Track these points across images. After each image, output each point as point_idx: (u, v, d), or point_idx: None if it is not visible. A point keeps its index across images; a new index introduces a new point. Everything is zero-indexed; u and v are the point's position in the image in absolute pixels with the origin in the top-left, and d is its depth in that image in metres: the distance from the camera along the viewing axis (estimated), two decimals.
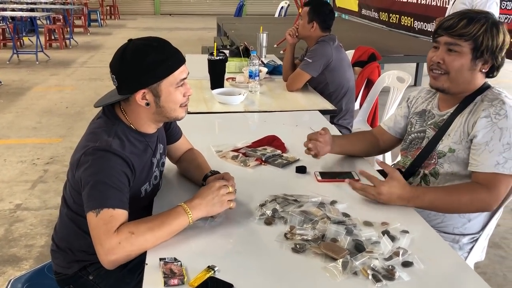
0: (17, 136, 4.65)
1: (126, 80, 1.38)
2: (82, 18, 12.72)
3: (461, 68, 1.58)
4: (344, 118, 3.07)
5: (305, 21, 3.04)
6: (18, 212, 3.17)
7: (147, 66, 1.36)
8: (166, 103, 1.41)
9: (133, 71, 1.36)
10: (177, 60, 1.41)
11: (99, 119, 1.45)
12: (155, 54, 1.37)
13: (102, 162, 1.31)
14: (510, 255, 2.76)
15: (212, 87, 2.93)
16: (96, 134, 1.37)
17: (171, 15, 17.06)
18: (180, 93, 1.43)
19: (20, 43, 9.56)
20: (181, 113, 1.48)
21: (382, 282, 1.15)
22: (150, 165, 1.52)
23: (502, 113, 1.52)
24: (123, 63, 1.37)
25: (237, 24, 8.05)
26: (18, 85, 6.64)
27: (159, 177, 1.61)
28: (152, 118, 1.45)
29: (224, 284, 1.14)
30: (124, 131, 1.42)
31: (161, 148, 1.61)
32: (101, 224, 1.25)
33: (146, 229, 1.27)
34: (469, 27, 1.55)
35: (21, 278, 1.66)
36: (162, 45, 1.41)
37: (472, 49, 1.55)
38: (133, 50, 1.37)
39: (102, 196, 1.28)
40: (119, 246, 1.23)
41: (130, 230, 1.25)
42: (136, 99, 1.39)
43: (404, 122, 1.90)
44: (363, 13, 9.70)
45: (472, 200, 1.52)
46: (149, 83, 1.37)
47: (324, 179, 1.73)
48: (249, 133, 2.24)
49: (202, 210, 1.35)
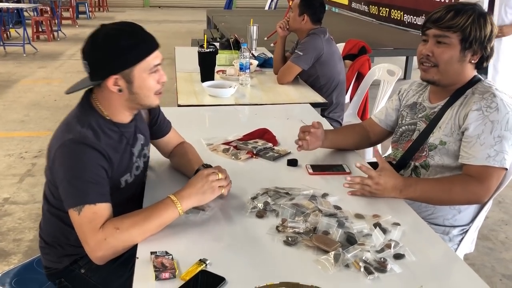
0: (4, 129, 4.59)
1: (98, 66, 1.35)
2: (70, 10, 12.54)
3: (450, 59, 1.58)
4: (334, 111, 3.07)
5: (295, 13, 3.03)
6: (6, 206, 3.13)
7: (119, 51, 1.32)
8: (140, 89, 1.37)
9: (104, 56, 1.33)
10: (150, 45, 1.37)
11: (75, 108, 1.44)
12: (127, 39, 1.33)
13: (77, 156, 1.29)
14: (498, 247, 2.79)
15: (202, 80, 2.91)
16: (70, 124, 1.36)
17: (160, 7, 16.91)
18: (154, 79, 1.39)
19: (6, 35, 9.42)
20: (155, 101, 1.44)
21: (374, 274, 1.15)
22: (130, 156, 1.49)
23: (493, 106, 1.52)
24: (94, 49, 1.34)
25: (227, 17, 8.00)
26: (5, 77, 6.55)
27: (143, 168, 1.59)
28: (125, 105, 1.41)
29: (215, 277, 1.14)
30: (98, 121, 1.39)
31: (142, 139, 1.57)
32: (85, 222, 1.24)
33: (132, 223, 1.26)
34: (457, 18, 1.55)
35: (10, 272, 1.65)
36: (135, 29, 1.37)
37: (461, 40, 1.56)
38: (105, 35, 1.33)
39: (80, 193, 1.26)
40: (105, 242, 1.23)
41: (115, 225, 1.24)
42: (108, 86, 1.35)
43: (395, 115, 1.90)
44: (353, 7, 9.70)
45: (464, 192, 1.53)
46: (121, 69, 1.33)
47: (315, 172, 1.73)
48: (240, 126, 2.23)
49: (193, 199, 1.34)
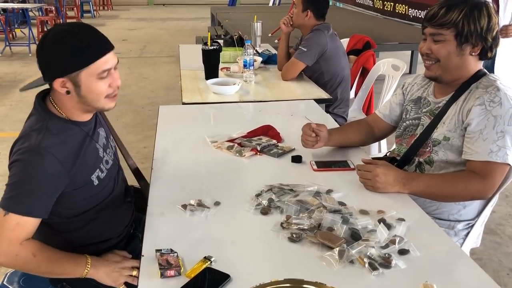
0: (11, 129, 4.62)
1: (45, 67, 1.32)
2: (75, 9, 12.58)
3: (449, 55, 1.58)
4: (339, 107, 3.07)
5: (299, 9, 3.02)
6: None
7: (65, 54, 1.28)
8: (87, 93, 1.33)
9: (51, 58, 1.30)
10: (99, 49, 1.31)
11: (31, 117, 1.39)
12: (74, 41, 1.28)
13: (28, 164, 1.27)
14: (505, 241, 2.78)
15: (206, 77, 2.91)
16: (26, 136, 1.32)
17: (164, 5, 16.92)
18: (104, 84, 1.34)
19: (12, 35, 9.46)
20: (107, 104, 1.39)
21: (378, 270, 1.15)
22: (95, 152, 1.46)
23: (496, 100, 1.51)
24: (42, 50, 1.31)
25: (231, 14, 8.00)
26: (11, 77, 6.59)
27: (113, 160, 1.56)
28: (78, 107, 1.37)
29: (221, 274, 1.14)
30: (56, 124, 1.35)
31: (104, 132, 1.55)
32: (5, 227, 1.25)
33: (47, 259, 1.30)
34: (449, 14, 1.54)
35: (17, 271, 1.65)
36: (84, 31, 1.32)
37: (455, 35, 1.55)
38: (53, 36, 1.30)
39: (15, 199, 1.26)
40: (13, 257, 1.26)
41: (34, 251, 1.28)
42: (55, 87, 1.32)
43: (399, 109, 1.90)
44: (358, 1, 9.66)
45: (467, 188, 1.52)
46: (67, 72, 1.29)
47: (319, 168, 1.73)
48: (244, 123, 2.23)
49: (98, 274, 1.37)
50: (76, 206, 1.42)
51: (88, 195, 1.43)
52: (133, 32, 10.55)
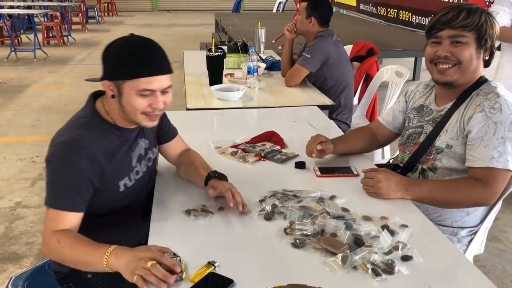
0: (16, 134, 4.65)
1: (103, 65, 1.40)
2: (80, 15, 12.67)
3: (471, 57, 1.58)
4: (343, 113, 3.07)
5: (303, 16, 3.04)
6: (18, 210, 3.17)
7: (117, 61, 1.36)
8: (126, 103, 1.38)
9: (107, 61, 1.39)
10: (148, 69, 1.36)
11: (78, 113, 1.48)
12: (132, 54, 1.35)
13: (65, 159, 1.34)
14: (509, 248, 2.77)
15: (210, 83, 2.93)
16: (69, 128, 1.41)
17: (168, 11, 17.01)
18: (143, 101, 1.37)
19: (18, 41, 9.53)
20: (144, 121, 1.42)
21: (381, 276, 1.16)
22: (129, 161, 1.50)
23: (496, 107, 1.52)
24: (107, 50, 1.39)
25: (235, 20, 8.03)
26: (17, 83, 6.63)
27: (145, 172, 1.58)
28: (119, 114, 1.43)
29: (224, 279, 1.15)
30: (99, 124, 1.43)
31: (146, 143, 1.58)
32: (48, 219, 1.32)
33: (70, 246, 1.29)
34: (470, 17, 1.56)
35: (22, 275, 1.67)
36: (144, 48, 1.38)
37: (476, 38, 1.57)
38: (119, 43, 1.38)
39: (53, 196, 1.33)
40: (47, 245, 1.30)
41: (58, 238, 1.29)
42: (103, 87, 1.41)
43: (402, 117, 1.90)
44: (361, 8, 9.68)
45: (469, 195, 1.53)
46: (114, 78, 1.37)
47: (323, 174, 1.73)
48: (248, 129, 2.24)
49: (118, 263, 1.20)
50: (95, 207, 1.42)
51: (110, 199, 1.46)
52: None
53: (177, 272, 1.14)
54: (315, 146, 1.79)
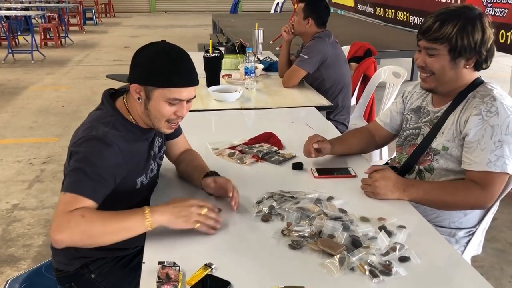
0: (13, 136, 4.64)
1: (133, 68, 1.42)
2: (77, 16, 12.67)
3: (443, 68, 1.57)
4: (340, 114, 3.07)
5: (300, 17, 3.04)
6: (15, 212, 3.16)
7: (152, 68, 1.38)
8: (153, 109, 1.41)
9: (140, 65, 1.40)
10: (181, 80, 1.40)
11: (98, 111, 1.47)
12: (166, 63, 1.38)
13: (90, 151, 1.33)
14: (507, 249, 2.78)
15: (208, 85, 2.93)
16: (94, 126, 1.39)
17: (166, 12, 17.01)
18: (170, 109, 1.41)
19: (15, 43, 9.52)
20: (164, 128, 1.47)
21: (379, 277, 1.15)
22: (147, 157, 1.53)
23: (493, 110, 1.51)
24: (140, 53, 1.41)
25: (232, 21, 8.03)
26: (14, 84, 6.62)
27: (156, 170, 1.62)
28: (142, 116, 1.46)
29: (221, 281, 1.14)
30: (121, 122, 1.44)
31: (159, 141, 1.62)
32: (62, 203, 1.26)
33: (98, 217, 1.25)
34: (442, 29, 1.53)
35: (19, 278, 1.66)
36: (179, 59, 1.41)
37: (449, 50, 1.54)
38: (154, 49, 1.40)
39: (76, 183, 1.29)
40: (67, 226, 1.21)
41: (82, 213, 1.24)
42: (131, 89, 1.42)
43: (400, 118, 1.90)
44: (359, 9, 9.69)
45: (467, 197, 1.53)
46: (145, 83, 1.39)
47: (320, 175, 1.73)
48: (246, 130, 2.23)
49: (165, 216, 1.28)
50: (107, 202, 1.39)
51: (124, 196, 1.45)
52: (135, 39, 10.60)
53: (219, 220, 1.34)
54: (312, 145, 1.79)
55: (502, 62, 8.15)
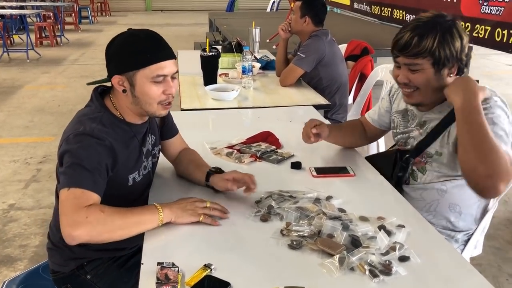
0: (9, 135, 4.61)
1: (109, 64, 1.42)
2: (73, 15, 12.60)
3: (428, 82, 1.54)
4: (338, 113, 3.07)
5: (297, 16, 3.03)
6: (11, 212, 3.14)
7: (125, 54, 1.38)
8: (140, 94, 1.40)
9: (114, 56, 1.40)
10: (158, 55, 1.38)
11: (86, 108, 1.47)
12: (137, 44, 1.38)
13: (82, 145, 1.32)
14: (504, 247, 2.78)
15: (205, 83, 2.92)
16: (81, 122, 1.39)
17: (162, 11, 16.96)
18: (158, 89, 1.40)
19: (10, 41, 9.46)
20: (159, 110, 1.45)
21: (379, 277, 1.15)
22: (139, 154, 1.52)
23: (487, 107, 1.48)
24: (110, 48, 1.41)
25: (229, 20, 8.01)
26: (9, 83, 6.58)
27: (150, 168, 1.60)
28: (132, 108, 1.44)
29: (221, 282, 1.14)
30: (109, 119, 1.43)
31: (153, 139, 1.60)
32: (71, 198, 1.25)
33: (117, 212, 1.27)
34: (422, 43, 1.49)
35: (16, 279, 1.65)
36: (149, 37, 1.40)
37: (432, 63, 1.51)
38: (122, 37, 1.40)
39: (76, 177, 1.28)
40: (85, 221, 1.21)
41: (101, 208, 1.25)
42: (114, 84, 1.41)
43: (387, 116, 1.90)
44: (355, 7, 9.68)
45: (503, 154, 1.37)
46: (124, 70, 1.38)
47: (319, 174, 1.73)
48: (243, 129, 2.23)
49: (173, 211, 1.36)
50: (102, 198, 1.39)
51: (116, 193, 1.43)
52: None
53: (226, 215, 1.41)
54: (310, 130, 1.78)
55: (499, 60, 8.19)
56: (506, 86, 6.62)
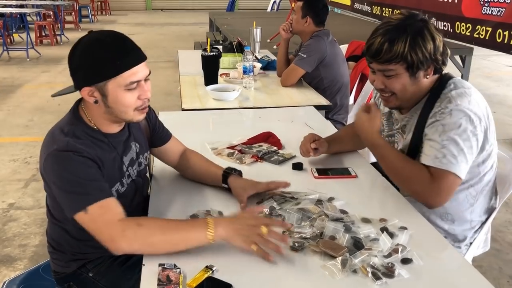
0: (8, 134, 4.61)
1: (75, 75, 1.31)
2: (73, 14, 12.60)
3: (404, 86, 1.53)
4: (338, 113, 3.06)
5: (298, 16, 3.02)
6: (11, 212, 3.14)
7: (93, 64, 1.27)
8: (115, 104, 1.31)
9: (80, 66, 1.29)
10: (128, 61, 1.28)
11: (63, 118, 1.40)
12: (104, 51, 1.27)
13: (65, 163, 1.26)
14: (505, 248, 2.78)
15: (206, 83, 2.91)
16: (54, 134, 1.32)
17: (162, 10, 16.95)
18: (132, 95, 1.31)
19: (10, 40, 9.46)
20: (136, 116, 1.36)
21: (382, 279, 1.14)
22: (120, 165, 1.44)
23: (446, 112, 1.48)
24: (73, 57, 1.30)
25: (229, 19, 8.00)
26: (9, 82, 6.57)
27: (137, 177, 1.53)
28: (106, 117, 1.36)
29: (222, 284, 1.13)
30: (83, 130, 1.35)
31: (137, 147, 1.52)
32: (96, 218, 1.22)
33: (157, 225, 1.24)
34: (394, 49, 1.47)
35: (16, 279, 1.64)
36: (116, 42, 1.30)
37: (406, 68, 1.50)
38: (85, 44, 1.29)
39: (80, 196, 1.24)
40: (122, 235, 1.19)
41: (138, 222, 1.22)
42: (83, 96, 1.32)
43: None
44: (356, 7, 9.68)
45: (415, 174, 1.48)
46: (94, 82, 1.28)
47: (320, 175, 1.72)
48: (244, 130, 2.22)
49: (226, 232, 1.23)
50: None
51: None
52: (131, 37, 10.46)
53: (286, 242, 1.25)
54: (309, 145, 1.78)
55: (499, 62, 8.18)
56: (506, 87, 6.61)
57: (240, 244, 1.23)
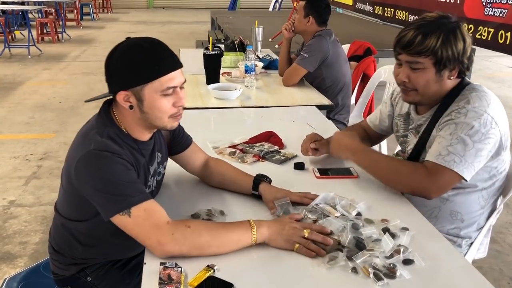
0: (9, 132, 4.61)
1: (111, 79, 1.31)
2: (75, 11, 12.59)
3: (428, 83, 1.53)
4: (340, 113, 3.06)
5: (301, 15, 3.02)
6: (12, 209, 3.14)
7: (131, 68, 1.27)
8: (150, 109, 1.30)
9: (117, 70, 1.29)
10: (166, 66, 1.29)
11: (92, 120, 1.38)
12: (142, 56, 1.27)
13: (104, 164, 1.23)
14: (505, 250, 2.78)
15: (207, 82, 2.91)
16: (88, 136, 1.29)
17: (164, 8, 16.94)
18: (168, 102, 1.30)
19: (11, 37, 9.44)
20: (170, 123, 1.35)
21: (383, 280, 1.14)
22: (146, 175, 1.41)
23: (462, 112, 1.48)
24: (111, 61, 1.30)
25: (231, 18, 7.99)
26: (10, 79, 6.57)
27: (155, 187, 1.51)
28: (139, 123, 1.34)
29: (224, 283, 1.13)
30: (116, 133, 1.33)
31: (159, 157, 1.50)
32: (141, 222, 1.20)
33: (205, 227, 1.24)
34: (426, 42, 1.48)
35: (16, 277, 1.64)
36: (154, 47, 1.30)
37: (434, 63, 1.50)
38: (123, 49, 1.29)
39: (122, 197, 1.21)
40: (172, 238, 1.19)
41: (186, 224, 1.22)
42: (119, 100, 1.30)
43: (388, 121, 1.89)
44: (358, 7, 9.67)
45: (410, 174, 1.51)
46: (131, 86, 1.27)
47: (322, 175, 1.72)
48: (246, 129, 2.22)
49: (269, 232, 1.27)
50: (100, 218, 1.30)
51: None
52: (133, 35, 10.50)
53: (329, 242, 1.26)
54: (309, 144, 1.78)
55: (501, 63, 8.18)
56: (508, 88, 6.61)
57: (282, 244, 1.26)
